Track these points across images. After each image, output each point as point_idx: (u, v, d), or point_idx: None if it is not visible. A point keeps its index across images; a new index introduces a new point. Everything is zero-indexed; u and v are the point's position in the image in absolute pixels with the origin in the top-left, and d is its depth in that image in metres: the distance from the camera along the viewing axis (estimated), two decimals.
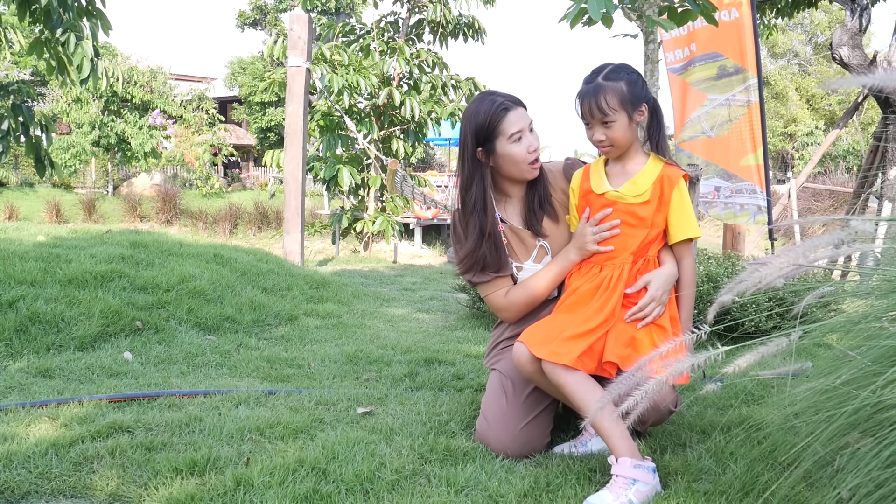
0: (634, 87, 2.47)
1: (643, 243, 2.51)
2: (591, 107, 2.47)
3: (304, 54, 9.33)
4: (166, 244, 6.05)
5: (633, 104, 2.47)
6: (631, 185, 2.52)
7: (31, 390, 3.35)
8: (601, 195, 2.56)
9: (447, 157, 34.74)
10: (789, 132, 31.01)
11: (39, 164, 4.98)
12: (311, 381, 3.74)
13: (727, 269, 4.94)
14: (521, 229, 2.79)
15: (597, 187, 2.57)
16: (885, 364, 1.72)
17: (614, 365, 2.37)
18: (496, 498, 2.21)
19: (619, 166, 2.57)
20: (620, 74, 2.48)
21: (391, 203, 13.64)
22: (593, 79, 2.49)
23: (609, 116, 2.46)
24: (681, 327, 2.51)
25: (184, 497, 2.15)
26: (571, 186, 2.69)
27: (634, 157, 2.55)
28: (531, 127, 2.70)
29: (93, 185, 24.76)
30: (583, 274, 2.58)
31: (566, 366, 2.36)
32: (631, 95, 2.46)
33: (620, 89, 2.46)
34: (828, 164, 26.10)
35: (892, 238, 2.35)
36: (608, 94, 2.45)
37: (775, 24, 10.03)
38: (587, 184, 2.61)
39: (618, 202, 2.53)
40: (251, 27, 34.70)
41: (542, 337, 2.45)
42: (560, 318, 2.51)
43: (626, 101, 2.46)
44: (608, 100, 2.45)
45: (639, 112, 2.49)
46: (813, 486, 2.11)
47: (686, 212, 2.51)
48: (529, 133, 2.69)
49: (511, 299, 2.74)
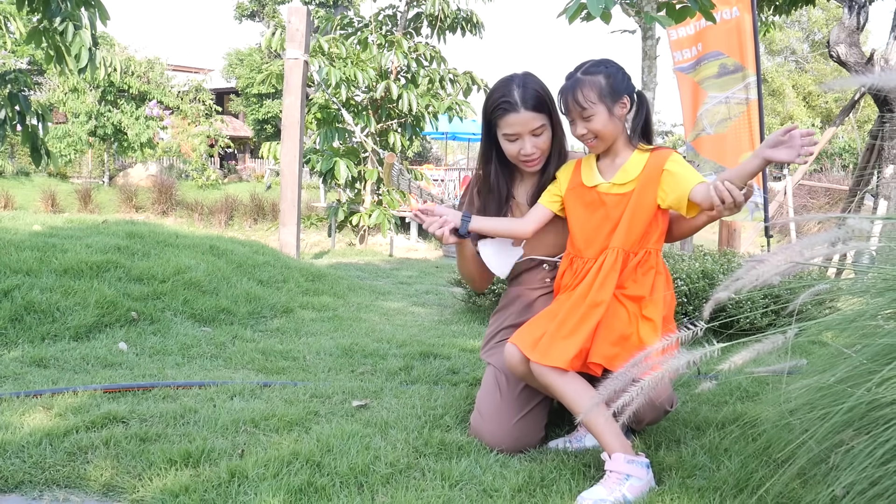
0: (613, 79, 2.47)
1: (639, 234, 2.51)
2: (569, 101, 2.48)
3: (301, 47, 9.31)
4: (162, 235, 6.04)
5: (612, 97, 2.46)
6: (621, 173, 2.51)
7: (25, 380, 3.35)
8: (591, 188, 2.55)
9: (444, 151, 34.72)
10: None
11: (35, 154, 4.96)
12: (307, 373, 3.74)
13: (723, 266, 4.95)
14: (526, 206, 2.80)
15: (587, 180, 2.57)
16: (880, 362, 1.72)
17: (600, 365, 2.37)
18: (490, 492, 2.22)
19: (608, 160, 2.57)
20: (599, 68, 2.49)
21: (387, 196, 13.62)
22: (573, 74, 2.51)
23: (588, 110, 2.46)
24: (674, 326, 2.51)
25: (178, 488, 2.15)
26: (557, 175, 2.68)
27: (623, 151, 2.55)
28: (537, 132, 2.64)
29: (89, 175, 24.68)
30: (575, 272, 2.58)
31: (555, 367, 2.36)
32: (610, 88, 2.46)
33: (598, 83, 2.46)
34: (824, 161, 26.13)
35: (888, 236, 2.35)
36: (585, 88, 2.45)
37: (773, 22, 10.04)
38: (577, 177, 2.61)
39: (608, 194, 2.52)
40: (249, 19, 34.63)
41: (533, 338, 2.45)
42: (551, 315, 2.51)
43: (604, 94, 2.45)
44: (585, 93, 2.45)
45: (620, 105, 2.48)
46: (807, 483, 2.11)
47: (688, 172, 2.46)
48: (531, 137, 2.65)
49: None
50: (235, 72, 31.84)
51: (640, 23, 6.69)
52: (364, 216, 13.51)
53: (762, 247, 7.81)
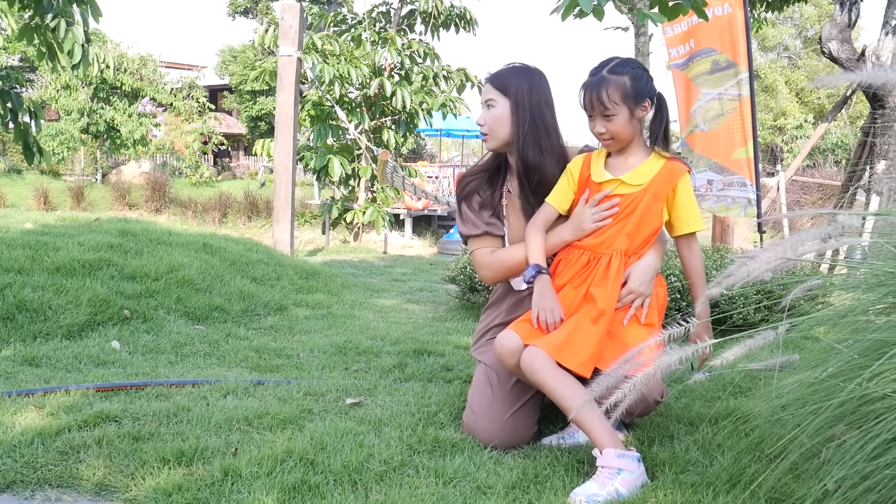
0: (638, 82, 2.47)
1: (642, 237, 2.51)
2: (592, 99, 2.48)
3: (295, 43, 9.29)
4: (155, 233, 6.02)
5: (635, 99, 2.47)
6: (633, 174, 2.51)
7: (17, 379, 3.33)
8: (600, 184, 2.56)
9: (438, 147, 34.69)
10: (779, 125, 31.09)
11: (28, 151, 4.94)
12: (300, 371, 3.74)
13: (716, 262, 4.95)
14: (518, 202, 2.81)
15: (596, 176, 2.57)
16: (871, 357, 1.73)
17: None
18: (484, 489, 2.22)
19: (620, 159, 2.57)
20: (625, 69, 2.48)
21: (381, 193, 13.62)
22: (598, 71, 2.50)
23: (610, 110, 2.46)
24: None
25: (171, 487, 2.15)
26: (570, 168, 2.66)
27: (637, 151, 2.55)
28: (489, 103, 2.75)
29: (81, 173, 24.60)
30: (571, 261, 2.58)
31: (545, 363, 2.37)
32: (634, 90, 2.46)
33: (623, 83, 2.46)
34: (816, 157, 26.18)
35: (880, 232, 2.36)
36: (610, 88, 2.45)
37: (765, 18, 10.05)
38: (587, 172, 2.61)
39: (616, 192, 2.53)
40: (242, 15, 34.52)
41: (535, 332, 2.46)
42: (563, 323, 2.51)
43: (628, 95, 2.45)
44: (610, 93, 2.45)
45: (641, 108, 2.49)
46: (799, 477, 2.12)
47: (691, 205, 2.52)
48: (485, 108, 2.76)
49: (496, 258, 2.78)
50: (229, 69, 31.73)
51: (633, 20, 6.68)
52: (358, 213, 13.51)
53: (755, 243, 7.83)
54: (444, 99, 13.71)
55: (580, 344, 2.38)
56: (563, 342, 2.40)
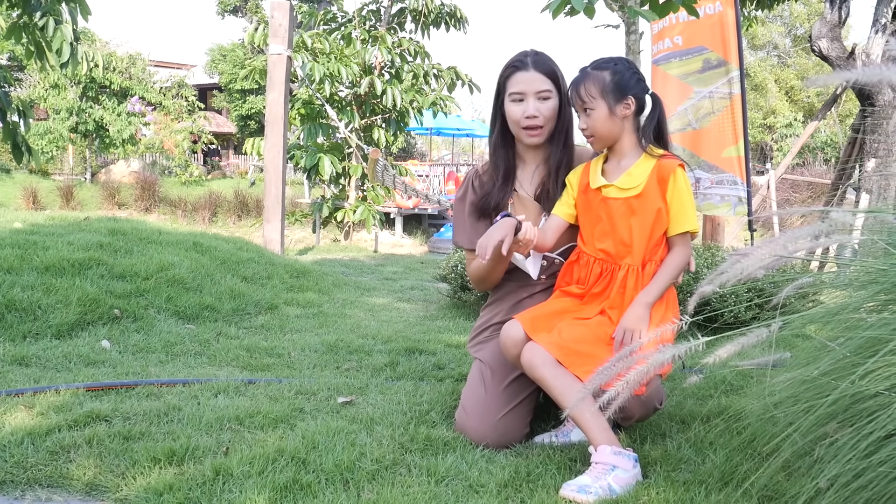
0: (620, 77, 2.46)
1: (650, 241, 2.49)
2: (571, 93, 2.52)
3: (285, 42, 9.27)
4: (145, 232, 5.99)
5: (614, 95, 2.45)
6: (626, 177, 2.49)
7: (6, 378, 3.31)
8: (596, 190, 2.55)
9: (428, 146, 34.68)
10: (768, 124, 31.19)
11: (17, 150, 4.91)
12: (291, 370, 3.73)
13: (707, 260, 4.96)
14: (529, 200, 2.77)
15: (592, 182, 2.56)
16: (863, 354, 1.73)
17: None
18: (476, 487, 2.22)
19: (614, 161, 2.56)
20: (608, 65, 2.48)
21: (372, 192, 13.60)
22: (584, 68, 2.52)
23: (587, 103, 2.47)
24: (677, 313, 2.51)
25: (162, 486, 2.14)
26: (569, 179, 2.65)
27: (629, 152, 2.53)
28: (544, 95, 2.61)
29: (70, 172, 24.49)
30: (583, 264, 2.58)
31: (546, 360, 2.37)
32: (614, 86, 2.45)
33: (602, 78, 2.46)
34: (806, 155, 26.28)
35: (870, 229, 2.37)
36: (588, 83, 2.47)
37: (755, 16, 10.08)
38: (586, 179, 2.60)
39: (611, 198, 2.51)
40: (232, 14, 34.43)
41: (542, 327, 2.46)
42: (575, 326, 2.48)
43: (607, 90, 2.45)
44: (587, 87, 2.47)
45: (623, 105, 2.47)
46: (792, 475, 2.13)
47: (682, 203, 2.46)
48: (536, 100, 2.61)
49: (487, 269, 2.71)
50: (218, 67, 31.64)
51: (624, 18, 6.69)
52: (349, 212, 13.49)
53: (746, 241, 7.85)
54: (435, 97, 13.70)
55: (589, 358, 2.35)
56: (574, 349, 2.39)
